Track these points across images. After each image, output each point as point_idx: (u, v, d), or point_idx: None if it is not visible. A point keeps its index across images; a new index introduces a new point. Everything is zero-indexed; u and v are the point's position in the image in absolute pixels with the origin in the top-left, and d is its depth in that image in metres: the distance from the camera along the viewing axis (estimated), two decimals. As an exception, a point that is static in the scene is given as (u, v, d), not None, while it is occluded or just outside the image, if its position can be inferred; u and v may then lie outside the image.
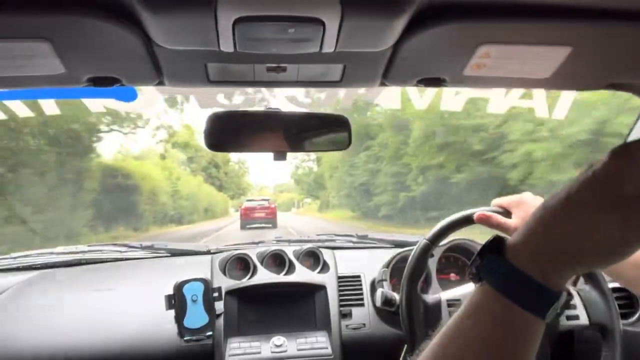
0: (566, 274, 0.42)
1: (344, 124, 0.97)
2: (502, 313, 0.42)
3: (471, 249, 1.45)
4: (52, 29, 0.66)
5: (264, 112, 0.94)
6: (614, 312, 1.06)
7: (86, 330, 1.33)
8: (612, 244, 0.40)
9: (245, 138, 0.95)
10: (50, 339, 1.31)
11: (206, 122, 0.91)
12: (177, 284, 1.30)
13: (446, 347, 0.45)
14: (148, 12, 0.60)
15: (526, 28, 0.70)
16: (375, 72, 0.84)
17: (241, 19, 0.61)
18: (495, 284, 0.43)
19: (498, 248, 0.45)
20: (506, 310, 0.42)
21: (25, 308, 1.39)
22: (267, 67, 0.80)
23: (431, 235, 1.08)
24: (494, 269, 0.44)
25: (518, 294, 0.42)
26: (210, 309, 1.31)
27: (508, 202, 1.00)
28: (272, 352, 1.31)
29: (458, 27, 0.69)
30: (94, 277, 1.55)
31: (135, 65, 0.78)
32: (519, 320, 0.42)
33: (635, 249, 0.41)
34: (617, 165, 0.40)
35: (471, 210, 1.03)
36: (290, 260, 1.53)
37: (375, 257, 1.52)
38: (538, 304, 0.42)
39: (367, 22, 0.64)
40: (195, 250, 1.72)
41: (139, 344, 1.32)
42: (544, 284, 0.41)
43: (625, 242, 0.40)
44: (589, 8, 0.66)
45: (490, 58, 0.77)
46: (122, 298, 1.43)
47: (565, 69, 0.80)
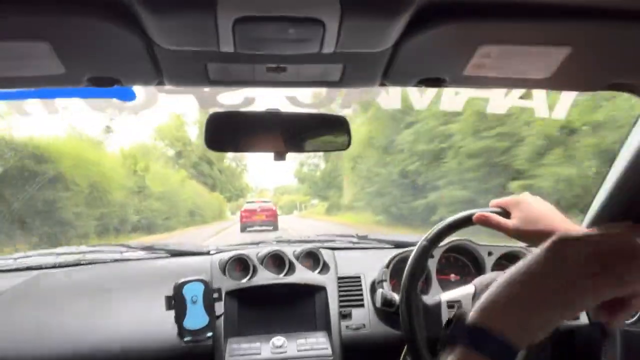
0: (528, 329, 0.49)
1: (344, 124, 0.97)
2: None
3: (471, 249, 1.45)
4: (52, 29, 0.66)
5: (264, 112, 0.94)
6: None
7: (86, 331, 1.33)
8: (561, 304, 0.50)
9: (245, 138, 0.95)
10: (50, 339, 1.31)
11: (206, 121, 0.92)
12: (176, 285, 1.30)
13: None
14: (148, 12, 0.60)
15: (526, 28, 0.70)
16: (375, 72, 0.84)
17: (241, 19, 0.61)
18: (468, 343, 0.51)
19: (461, 317, 0.53)
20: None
21: (25, 308, 1.39)
22: (267, 67, 0.80)
23: (431, 236, 1.08)
24: (463, 331, 0.52)
25: (487, 349, 0.49)
26: (210, 309, 1.31)
27: (506, 202, 1.00)
28: (272, 353, 1.31)
29: (458, 27, 0.69)
30: (93, 278, 1.55)
31: (135, 65, 0.78)
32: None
33: (576, 309, 0.51)
34: (560, 253, 0.51)
35: (470, 211, 1.03)
36: (290, 260, 1.53)
37: (375, 258, 1.52)
38: (503, 356, 0.49)
39: (367, 22, 0.64)
40: (195, 251, 1.72)
41: (138, 344, 1.32)
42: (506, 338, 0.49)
43: (569, 303, 0.50)
44: (589, 8, 0.66)
45: (490, 58, 0.77)
46: (122, 299, 1.43)
47: (566, 69, 0.80)
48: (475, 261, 1.45)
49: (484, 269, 1.41)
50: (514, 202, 0.98)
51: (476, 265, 1.45)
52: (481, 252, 1.42)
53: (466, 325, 0.52)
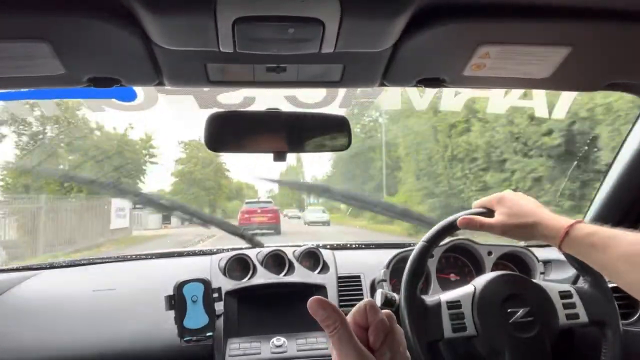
0: None
1: (344, 124, 0.97)
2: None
3: (471, 249, 1.45)
4: (52, 29, 0.66)
5: (264, 112, 0.94)
6: (614, 311, 1.06)
7: (86, 331, 1.33)
8: None
9: (245, 138, 0.94)
10: (50, 339, 1.31)
11: (206, 122, 0.91)
12: (177, 285, 1.30)
13: None
14: (148, 12, 0.60)
15: (526, 28, 0.70)
16: (374, 72, 0.84)
17: (241, 19, 0.61)
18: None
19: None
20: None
21: (25, 308, 1.39)
22: (267, 67, 0.80)
23: (429, 237, 1.08)
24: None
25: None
26: (210, 309, 1.31)
27: (489, 201, 1.01)
28: (272, 353, 1.31)
29: (458, 27, 0.69)
30: (94, 278, 1.55)
31: (134, 65, 0.78)
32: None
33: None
34: None
35: (456, 215, 1.04)
36: (290, 260, 1.53)
37: (375, 258, 1.52)
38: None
39: (367, 22, 0.64)
40: (195, 251, 1.72)
41: (139, 344, 1.32)
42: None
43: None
44: (589, 8, 0.67)
45: (489, 58, 0.77)
46: (122, 298, 1.43)
47: (565, 69, 0.80)
48: (475, 261, 1.45)
49: (484, 268, 1.41)
50: (497, 199, 0.99)
51: (476, 265, 1.45)
52: (481, 252, 1.42)
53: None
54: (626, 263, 0.80)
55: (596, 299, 1.07)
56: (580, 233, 0.87)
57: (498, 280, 1.06)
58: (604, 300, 1.07)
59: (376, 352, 0.50)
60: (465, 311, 1.03)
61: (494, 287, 1.05)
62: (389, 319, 0.51)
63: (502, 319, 1.02)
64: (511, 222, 0.95)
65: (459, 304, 1.03)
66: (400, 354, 0.51)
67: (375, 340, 0.50)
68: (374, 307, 0.51)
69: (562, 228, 0.88)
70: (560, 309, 1.06)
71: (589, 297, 1.07)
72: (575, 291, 1.08)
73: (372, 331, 0.50)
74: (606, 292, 1.07)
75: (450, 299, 1.04)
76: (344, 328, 0.48)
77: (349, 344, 0.48)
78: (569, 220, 0.90)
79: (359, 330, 0.51)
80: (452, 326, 1.01)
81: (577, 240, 0.87)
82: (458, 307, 1.03)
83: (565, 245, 0.88)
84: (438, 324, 1.02)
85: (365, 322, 0.51)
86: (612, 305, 1.07)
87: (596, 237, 0.85)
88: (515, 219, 0.95)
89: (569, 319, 1.06)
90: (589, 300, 1.07)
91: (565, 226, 0.88)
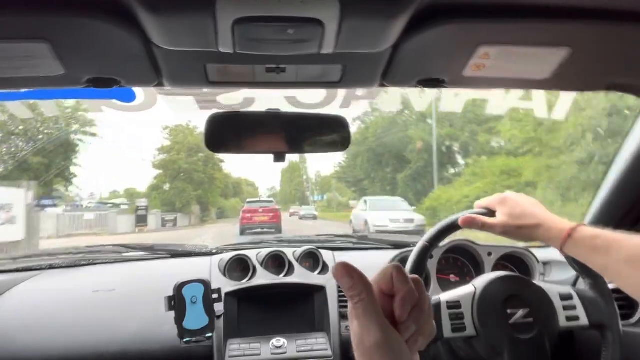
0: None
1: (344, 124, 0.97)
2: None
3: (470, 250, 1.45)
4: (52, 29, 0.66)
5: (264, 113, 0.94)
6: (614, 313, 1.06)
7: (86, 332, 1.33)
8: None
9: (245, 139, 0.94)
10: (50, 340, 1.31)
11: (206, 122, 0.91)
12: (176, 285, 1.30)
13: None
14: (147, 12, 0.60)
15: (525, 29, 0.70)
16: (374, 72, 0.84)
17: (240, 20, 0.61)
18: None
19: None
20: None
21: (25, 309, 1.39)
22: (267, 67, 0.80)
23: (429, 237, 1.08)
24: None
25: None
26: (210, 310, 1.31)
27: (491, 202, 1.01)
28: (272, 354, 1.30)
29: (457, 27, 0.69)
30: (93, 279, 1.55)
31: (134, 66, 0.78)
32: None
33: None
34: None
35: (457, 215, 1.04)
36: (289, 261, 1.53)
37: (375, 258, 1.52)
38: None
39: (366, 23, 0.64)
40: (195, 252, 1.72)
41: (138, 345, 1.32)
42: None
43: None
44: (588, 9, 0.67)
45: (489, 59, 0.77)
46: (122, 299, 1.43)
47: (565, 69, 0.80)
48: (475, 262, 1.45)
49: (484, 269, 1.41)
50: (498, 200, 0.99)
51: (476, 265, 1.45)
52: (481, 253, 1.42)
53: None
54: (630, 266, 0.81)
55: (596, 302, 1.07)
56: (583, 235, 0.87)
57: (498, 281, 1.06)
58: (605, 303, 1.06)
59: (401, 325, 0.45)
60: (465, 311, 1.03)
61: (494, 288, 1.05)
62: (417, 286, 0.46)
63: (502, 319, 1.01)
64: (513, 223, 0.95)
65: (458, 304, 1.03)
66: (426, 328, 0.46)
67: (402, 314, 0.45)
68: (402, 274, 0.46)
69: (565, 230, 0.88)
70: (561, 311, 1.05)
71: (590, 300, 1.07)
72: (575, 293, 1.08)
73: (399, 303, 0.45)
74: (606, 295, 1.07)
75: (450, 299, 1.04)
76: (370, 299, 0.44)
77: (373, 317, 0.44)
78: (571, 222, 0.90)
79: (383, 298, 0.46)
80: (452, 326, 1.01)
81: (579, 242, 0.87)
82: (458, 307, 1.03)
83: (567, 248, 0.88)
84: (437, 323, 1.02)
85: (391, 289, 0.46)
86: (613, 308, 1.06)
87: (599, 240, 0.85)
88: (517, 220, 0.95)
89: (569, 321, 1.06)
90: (590, 303, 1.07)
91: (567, 228, 0.88)
